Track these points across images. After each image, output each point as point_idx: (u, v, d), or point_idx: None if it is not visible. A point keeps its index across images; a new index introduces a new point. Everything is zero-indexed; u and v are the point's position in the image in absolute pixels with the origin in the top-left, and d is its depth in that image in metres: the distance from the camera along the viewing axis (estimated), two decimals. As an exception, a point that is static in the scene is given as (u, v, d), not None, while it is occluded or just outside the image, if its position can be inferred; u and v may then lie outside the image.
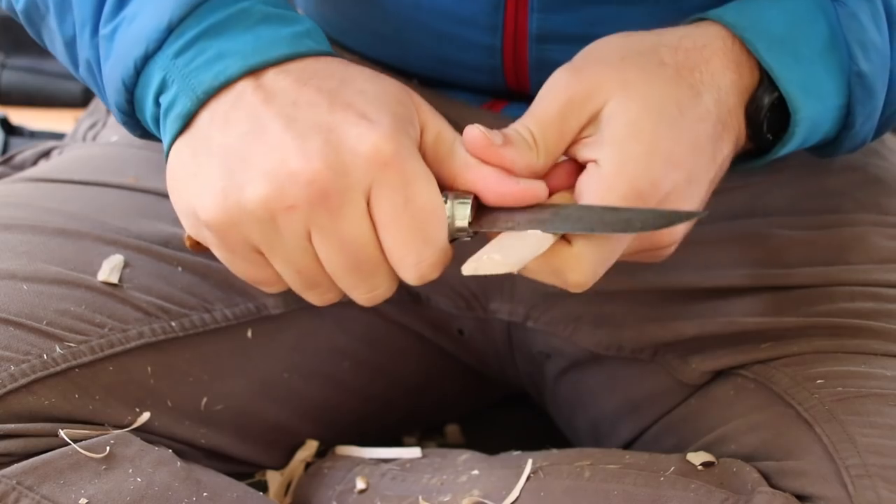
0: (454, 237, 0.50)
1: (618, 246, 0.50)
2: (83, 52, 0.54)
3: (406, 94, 0.50)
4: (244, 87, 0.48)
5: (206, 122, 0.49)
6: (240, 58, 0.48)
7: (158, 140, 0.53)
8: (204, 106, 0.49)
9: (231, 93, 0.48)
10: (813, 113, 0.53)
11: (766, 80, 0.53)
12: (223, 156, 0.47)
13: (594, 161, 0.50)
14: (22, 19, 0.59)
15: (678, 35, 0.53)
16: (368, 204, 0.47)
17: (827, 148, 0.58)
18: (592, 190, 0.49)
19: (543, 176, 0.51)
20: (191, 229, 0.51)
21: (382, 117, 0.47)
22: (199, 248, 0.53)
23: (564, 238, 0.49)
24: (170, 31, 0.49)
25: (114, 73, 0.51)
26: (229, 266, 0.51)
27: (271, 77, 0.48)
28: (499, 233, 0.49)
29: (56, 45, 0.57)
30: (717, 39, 0.52)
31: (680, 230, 0.52)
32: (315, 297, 0.52)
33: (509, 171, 0.49)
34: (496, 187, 0.49)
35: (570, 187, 0.51)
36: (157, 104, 0.50)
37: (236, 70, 0.48)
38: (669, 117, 0.49)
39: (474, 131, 0.49)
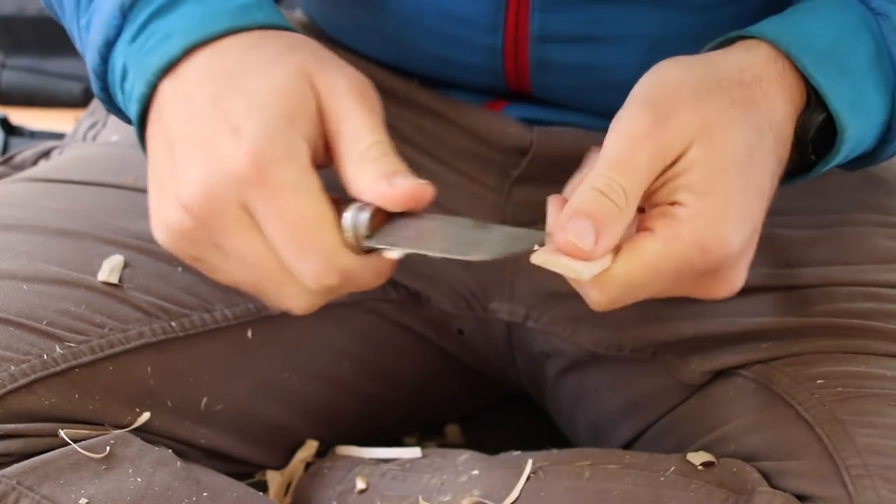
0: (363, 248, 0.47)
1: (654, 281, 0.48)
2: (77, 44, 0.55)
3: (301, 80, 0.47)
4: (166, 86, 0.48)
5: (150, 121, 0.49)
6: (182, 36, 0.48)
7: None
8: (154, 92, 0.49)
9: (158, 92, 0.48)
10: (859, 130, 0.52)
11: (813, 99, 0.51)
12: (152, 173, 0.49)
13: (670, 203, 0.47)
14: (48, 11, 0.60)
15: (736, 66, 0.50)
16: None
17: (862, 161, 0.57)
18: (663, 234, 0.47)
19: None
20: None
21: (253, 126, 0.45)
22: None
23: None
24: (124, 16, 0.49)
25: (89, 63, 0.52)
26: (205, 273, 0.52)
27: (185, 73, 0.48)
28: (392, 251, 0.47)
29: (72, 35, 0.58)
30: (769, 64, 0.50)
31: (738, 282, 0.50)
32: (268, 300, 0.51)
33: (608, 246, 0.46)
34: (376, 193, 0.46)
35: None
36: (123, 91, 0.51)
37: (179, 48, 0.48)
38: (742, 167, 0.47)
39: (562, 242, 0.45)
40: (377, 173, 0.46)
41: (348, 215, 0.46)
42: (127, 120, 0.55)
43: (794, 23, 0.52)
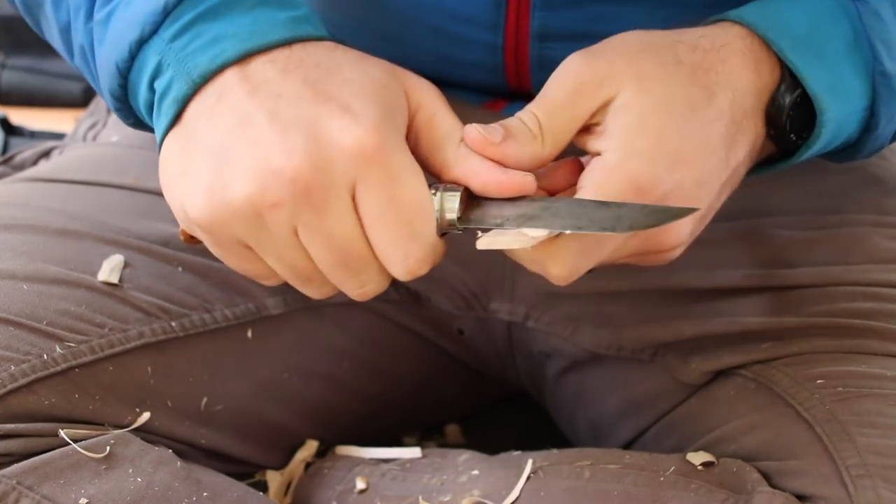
0: (445, 231, 0.49)
1: (606, 241, 0.49)
2: (77, 37, 0.54)
3: (393, 77, 0.49)
4: (230, 77, 0.48)
5: (194, 116, 0.48)
6: (236, 41, 0.48)
7: (150, 129, 0.52)
8: (196, 93, 0.48)
9: (219, 82, 0.48)
10: (839, 114, 0.52)
11: (787, 79, 0.52)
12: (209, 152, 0.47)
13: (598, 153, 0.49)
14: (21, 9, 0.59)
15: (697, 34, 0.52)
16: (354, 199, 0.47)
17: (847, 151, 0.57)
18: (592, 181, 0.48)
19: (548, 174, 0.51)
20: (183, 224, 0.51)
21: (366, 108, 0.46)
22: (194, 242, 0.53)
23: None
24: (166, 14, 0.49)
25: (108, 57, 0.51)
26: (223, 260, 0.51)
27: (258, 67, 0.48)
28: (487, 228, 0.49)
29: (52, 33, 0.57)
30: (737, 39, 0.52)
31: (684, 232, 0.51)
32: (311, 291, 0.52)
33: (513, 166, 0.49)
34: (481, 176, 0.48)
35: (573, 185, 0.51)
36: (152, 90, 0.50)
37: (233, 54, 0.47)
38: (680, 115, 0.49)
39: (472, 133, 0.49)
40: (483, 160, 0.48)
41: (437, 198, 0.48)
42: (135, 121, 0.54)
43: (774, 9, 0.53)
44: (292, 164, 0.45)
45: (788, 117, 0.52)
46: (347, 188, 0.46)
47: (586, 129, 0.50)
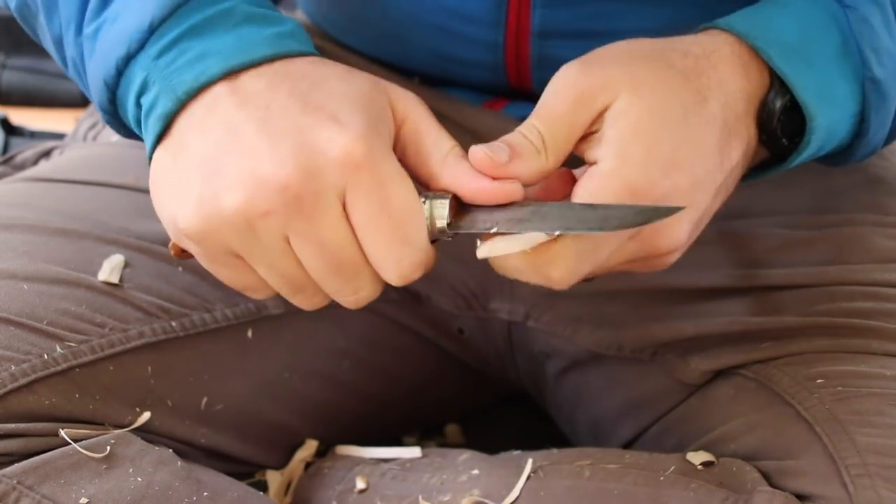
0: (435, 237, 0.49)
1: (603, 243, 0.49)
2: (69, 50, 0.54)
3: (378, 90, 0.49)
4: (220, 90, 0.48)
5: (184, 127, 0.48)
6: (221, 58, 0.48)
7: (143, 139, 0.52)
8: (183, 109, 0.48)
9: (208, 96, 0.48)
10: (828, 120, 0.52)
11: (776, 84, 0.52)
12: (199, 163, 0.47)
13: (594, 162, 0.50)
14: (17, 18, 0.59)
15: (687, 41, 0.52)
16: (345, 206, 0.47)
17: (840, 156, 0.57)
18: (587, 189, 0.49)
19: (542, 184, 0.51)
20: (174, 237, 0.51)
21: (353, 118, 0.47)
22: (184, 256, 0.53)
23: None
24: (151, 31, 0.49)
25: (96, 72, 0.51)
26: (214, 273, 0.51)
27: (246, 80, 0.48)
28: (478, 234, 0.49)
29: (47, 44, 0.57)
30: (726, 46, 0.52)
31: (680, 235, 0.51)
32: (302, 302, 0.52)
33: (522, 183, 0.49)
34: (470, 185, 0.49)
35: (567, 195, 0.51)
36: (139, 105, 0.50)
37: (217, 70, 0.48)
38: (673, 120, 0.49)
39: (479, 154, 0.49)
40: (471, 169, 0.49)
41: (426, 205, 0.48)
42: (127, 133, 0.54)
43: (763, 17, 0.53)
44: (282, 173, 0.45)
45: (779, 122, 0.53)
46: (337, 195, 0.46)
47: (583, 137, 0.51)
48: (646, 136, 0.49)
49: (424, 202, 0.48)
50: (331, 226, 0.47)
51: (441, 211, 0.48)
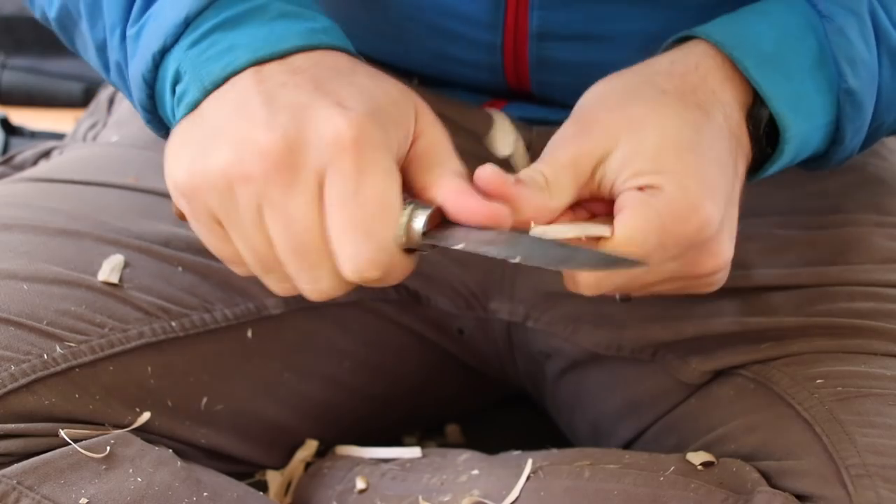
0: (412, 246, 0.48)
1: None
2: (113, 55, 0.54)
3: (406, 98, 0.49)
4: (246, 74, 0.48)
5: (205, 104, 0.49)
6: (249, 50, 0.48)
7: None
8: (208, 98, 0.49)
9: (231, 84, 0.48)
10: (802, 131, 0.53)
11: (759, 96, 0.52)
12: (207, 129, 0.48)
13: (632, 189, 0.49)
14: (55, 27, 0.60)
15: (667, 61, 0.52)
16: (323, 189, 0.46)
17: (816, 162, 0.57)
18: (635, 207, 0.48)
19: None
20: (172, 196, 0.51)
21: (359, 106, 0.46)
22: (183, 217, 0.53)
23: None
24: (187, 24, 0.50)
25: (136, 69, 0.52)
26: (200, 237, 0.51)
27: (273, 66, 0.48)
28: (450, 248, 0.48)
29: (88, 51, 0.58)
30: (707, 58, 0.52)
31: (725, 253, 0.51)
32: (274, 285, 0.51)
33: (524, 211, 0.49)
34: (457, 199, 0.48)
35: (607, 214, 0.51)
36: (174, 94, 0.51)
37: (244, 61, 0.48)
38: (689, 142, 0.49)
39: (487, 170, 0.48)
40: (466, 187, 0.48)
41: (408, 208, 0.47)
42: (165, 131, 0.54)
43: (741, 24, 0.53)
44: (269, 138, 0.45)
45: (764, 132, 0.53)
46: (316, 174, 0.46)
47: (598, 185, 0.51)
48: (671, 166, 0.49)
49: (407, 207, 0.47)
50: (302, 201, 0.46)
51: (420, 217, 0.47)
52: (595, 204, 0.52)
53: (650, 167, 0.49)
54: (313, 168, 0.46)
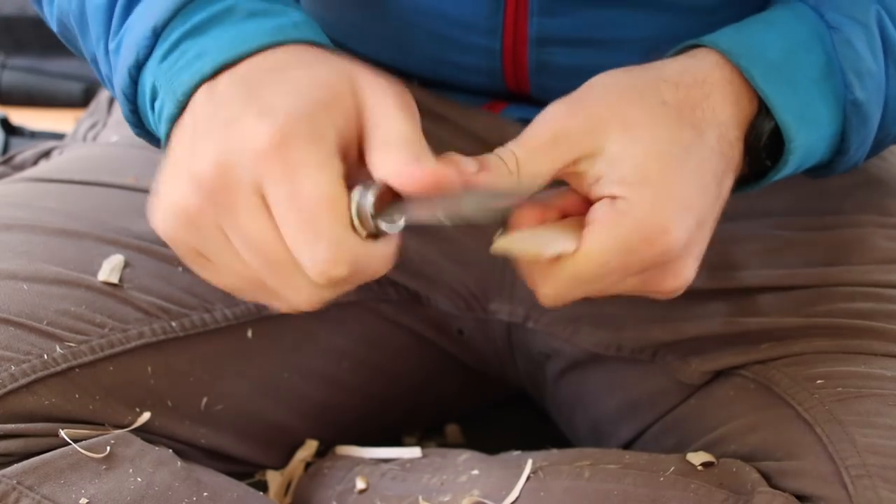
0: (373, 231, 0.45)
1: (600, 278, 0.49)
2: (103, 68, 0.54)
3: (340, 76, 0.46)
4: (200, 92, 0.47)
5: (175, 127, 0.48)
6: (216, 54, 0.47)
7: None
8: (184, 110, 0.48)
9: (191, 102, 0.47)
10: (807, 141, 0.52)
11: (764, 107, 0.52)
12: (168, 161, 0.47)
13: (608, 197, 0.49)
14: (62, 40, 0.59)
15: (678, 69, 0.51)
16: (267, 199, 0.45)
17: (820, 171, 0.57)
18: (605, 224, 0.48)
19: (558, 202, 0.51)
20: None
21: (285, 105, 0.44)
22: None
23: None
24: (156, 36, 0.49)
25: (118, 85, 0.51)
26: (198, 273, 0.50)
27: (225, 78, 0.47)
28: (403, 225, 0.46)
29: (89, 63, 0.57)
30: (716, 70, 0.51)
31: (687, 275, 0.51)
32: (273, 303, 0.49)
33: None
34: (399, 171, 0.45)
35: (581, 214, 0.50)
36: (153, 110, 0.50)
37: (210, 67, 0.47)
38: (676, 160, 0.49)
39: (447, 159, 0.47)
40: (407, 155, 0.45)
41: (354, 193, 0.45)
42: (156, 142, 0.54)
43: (749, 34, 0.52)
44: (197, 169, 0.45)
45: (765, 144, 0.52)
46: (253, 188, 0.44)
47: (572, 173, 0.50)
48: (654, 181, 0.48)
49: (355, 192, 0.45)
50: (250, 220, 0.45)
51: (364, 200, 0.44)
52: (569, 199, 0.51)
53: (633, 176, 0.48)
54: (248, 184, 0.44)
